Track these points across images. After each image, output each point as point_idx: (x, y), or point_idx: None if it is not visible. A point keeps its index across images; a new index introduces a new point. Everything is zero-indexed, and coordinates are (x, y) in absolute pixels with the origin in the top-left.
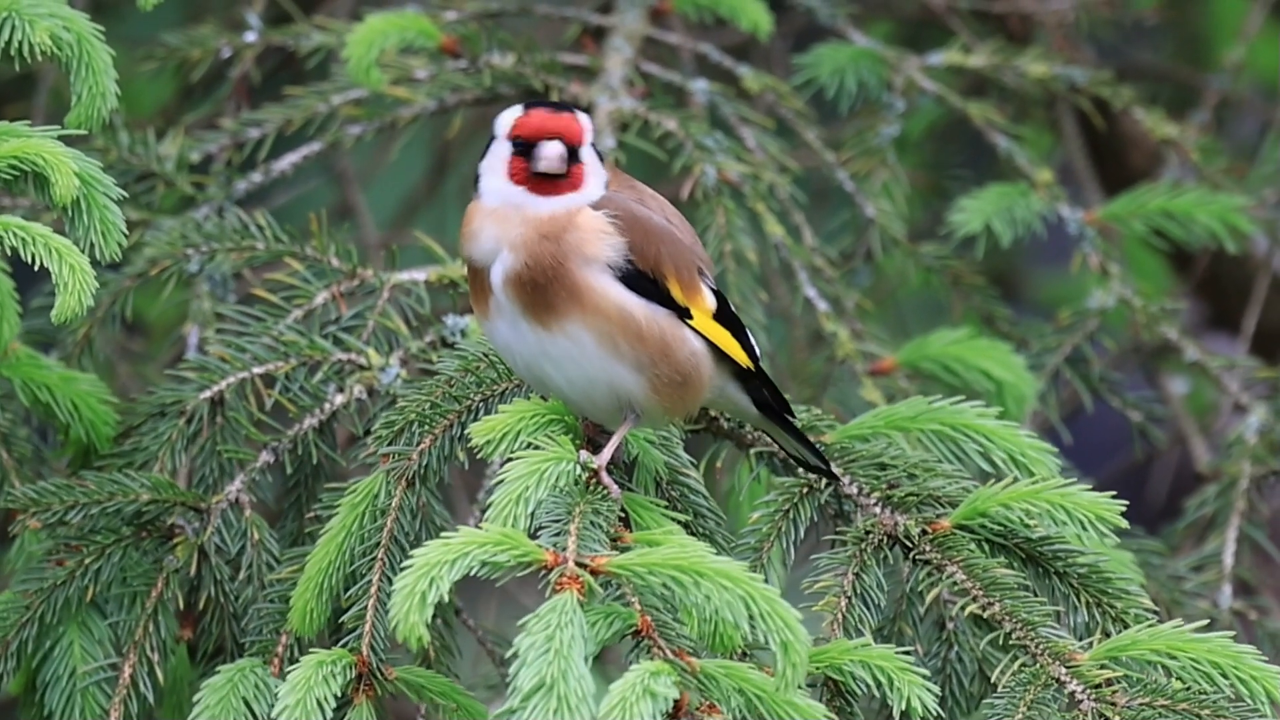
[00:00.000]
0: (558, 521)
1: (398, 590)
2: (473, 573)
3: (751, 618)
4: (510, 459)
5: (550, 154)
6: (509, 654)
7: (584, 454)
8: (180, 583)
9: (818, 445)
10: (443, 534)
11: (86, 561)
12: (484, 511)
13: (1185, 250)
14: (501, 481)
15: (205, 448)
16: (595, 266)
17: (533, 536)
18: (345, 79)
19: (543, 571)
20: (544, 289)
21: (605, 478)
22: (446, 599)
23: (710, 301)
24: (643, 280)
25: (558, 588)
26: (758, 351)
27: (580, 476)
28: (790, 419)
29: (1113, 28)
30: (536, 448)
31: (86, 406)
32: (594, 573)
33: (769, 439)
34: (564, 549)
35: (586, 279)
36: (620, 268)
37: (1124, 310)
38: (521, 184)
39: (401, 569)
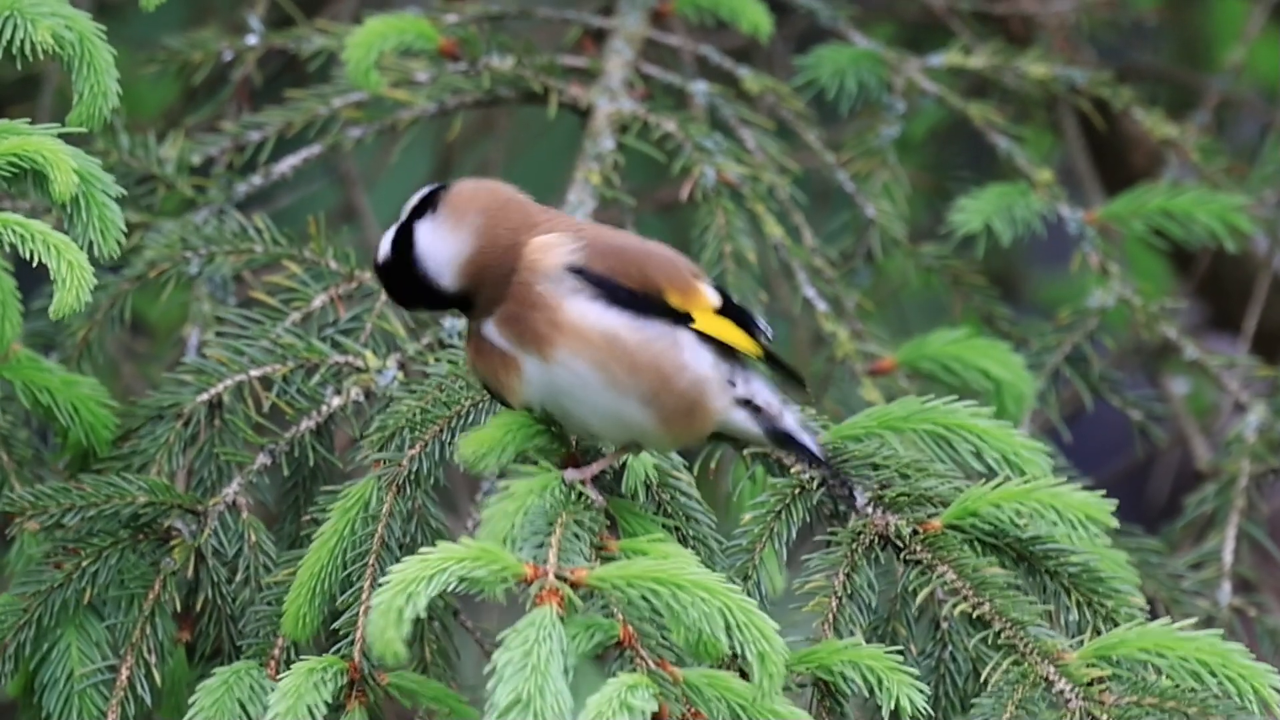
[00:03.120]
0: (539, 534)
1: (375, 607)
2: (451, 588)
3: (729, 628)
4: (500, 483)
5: None
6: (486, 669)
7: (569, 473)
8: (178, 585)
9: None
10: (421, 550)
11: (84, 564)
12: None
13: (1185, 250)
14: (488, 519)
15: (203, 450)
16: (565, 286)
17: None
18: (345, 82)
19: (522, 585)
20: (522, 318)
21: (589, 487)
22: (442, 604)
23: (712, 297)
24: (634, 298)
25: (537, 601)
26: (770, 334)
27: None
28: (804, 442)
29: (1113, 29)
30: (527, 463)
31: (87, 410)
32: (574, 585)
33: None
34: (544, 562)
35: (555, 296)
36: (592, 275)
37: (1124, 310)
38: None
39: (380, 584)
